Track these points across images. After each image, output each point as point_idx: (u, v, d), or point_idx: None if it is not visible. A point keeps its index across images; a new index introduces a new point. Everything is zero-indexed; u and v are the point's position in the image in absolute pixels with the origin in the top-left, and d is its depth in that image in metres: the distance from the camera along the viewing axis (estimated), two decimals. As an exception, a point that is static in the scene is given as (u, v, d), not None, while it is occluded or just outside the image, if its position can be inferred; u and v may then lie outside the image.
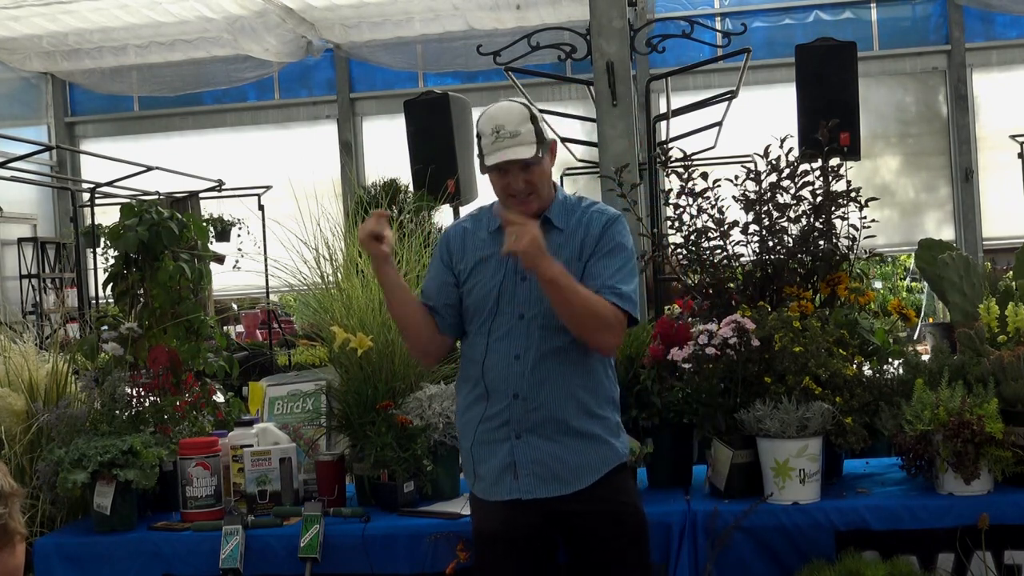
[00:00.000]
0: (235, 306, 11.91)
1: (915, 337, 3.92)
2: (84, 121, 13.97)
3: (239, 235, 11.50)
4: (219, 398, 4.36)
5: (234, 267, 8.38)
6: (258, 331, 11.38)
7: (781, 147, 3.99)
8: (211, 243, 6.00)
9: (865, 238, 3.99)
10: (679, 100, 7.98)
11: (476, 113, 7.04)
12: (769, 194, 3.96)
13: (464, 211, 6.35)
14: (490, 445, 3.02)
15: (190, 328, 4.71)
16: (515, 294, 3.00)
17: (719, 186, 4.09)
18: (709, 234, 4.04)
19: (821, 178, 3.98)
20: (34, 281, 12.43)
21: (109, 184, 10.70)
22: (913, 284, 12.38)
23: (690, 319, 3.83)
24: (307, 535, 3.26)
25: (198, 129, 13.60)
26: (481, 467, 3.05)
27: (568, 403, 2.98)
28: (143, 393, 3.86)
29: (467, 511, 3.39)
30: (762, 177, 3.97)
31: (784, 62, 9.72)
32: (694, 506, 3.29)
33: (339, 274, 3.95)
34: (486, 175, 3.04)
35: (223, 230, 11.40)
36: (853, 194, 3.97)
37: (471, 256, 3.08)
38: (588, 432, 3.00)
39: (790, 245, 3.94)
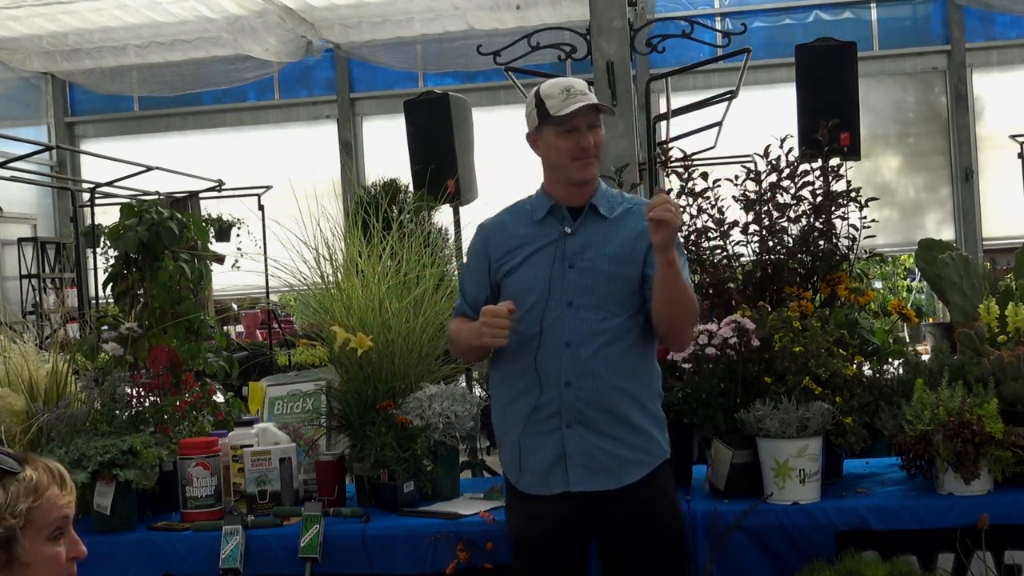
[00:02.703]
0: (235, 306, 11.89)
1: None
2: (84, 121, 13.94)
3: (239, 235, 11.50)
4: (219, 398, 4.35)
5: (234, 267, 8.38)
6: (258, 331, 11.37)
7: (781, 147, 3.99)
8: (211, 243, 5.99)
9: (865, 238, 4.00)
10: (679, 100, 7.96)
11: (476, 113, 7.15)
12: (769, 194, 3.96)
13: (464, 211, 6.34)
14: (540, 436, 2.95)
15: (190, 328, 4.71)
16: (564, 282, 2.94)
17: (719, 186, 4.10)
18: (709, 234, 4.04)
19: (821, 178, 3.98)
20: (34, 281, 12.41)
21: (109, 184, 10.69)
22: (913, 284, 12.37)
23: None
24: (307, 535, 3.26)
25: (198, 129, 13.58)
26: (529, 459, 2.97)
27: (618, 394, 2.93)
28: (143, 393, 3.86)
29: (467, 511, 3.40)
30: (762, 177, 3.97)
31: (784, 62, 9.70)
32: (694, 506, 3.29)
33: (339, 274, 3.95)
34: (544, 139, 2.99)
35: (223, 230, 11.39)
36: (853, 194, 3.98)
37: (516, 248, 3.02)
38: (638, 425, 2.96)
39: (790, 245, 3.94)
